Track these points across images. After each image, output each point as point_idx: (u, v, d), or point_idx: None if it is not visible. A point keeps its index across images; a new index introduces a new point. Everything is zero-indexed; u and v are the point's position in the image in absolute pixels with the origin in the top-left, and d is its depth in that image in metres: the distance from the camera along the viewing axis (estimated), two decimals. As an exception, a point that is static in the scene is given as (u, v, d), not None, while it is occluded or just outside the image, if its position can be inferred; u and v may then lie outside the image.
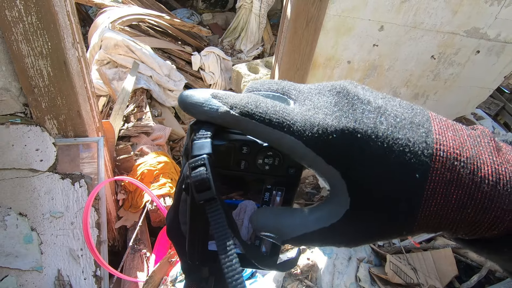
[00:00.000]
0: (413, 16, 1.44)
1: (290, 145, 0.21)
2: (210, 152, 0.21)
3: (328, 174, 0.21)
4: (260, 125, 0.21)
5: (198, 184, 0.20)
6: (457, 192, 0.18)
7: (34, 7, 1.02)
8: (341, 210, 0.21)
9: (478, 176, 0.18)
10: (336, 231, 0.21)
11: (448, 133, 0.19)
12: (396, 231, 0.20)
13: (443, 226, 0.19)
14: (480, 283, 1.49)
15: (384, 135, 0.19)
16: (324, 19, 1.41)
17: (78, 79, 1.24)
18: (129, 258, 1.46)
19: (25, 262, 1.15)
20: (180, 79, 2.66)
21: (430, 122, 0.20)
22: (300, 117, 0.21)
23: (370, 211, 0.20)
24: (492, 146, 0.20)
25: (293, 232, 0.22)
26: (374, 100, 0.21)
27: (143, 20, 2.91)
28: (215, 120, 0.22)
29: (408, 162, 0.19)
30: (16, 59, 1.09)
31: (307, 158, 0.21)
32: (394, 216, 0.19)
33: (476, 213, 0.18)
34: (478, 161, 0.19)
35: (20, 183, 1.19)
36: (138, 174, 1.68)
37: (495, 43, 1.56)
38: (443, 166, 0.18)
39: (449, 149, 0.19)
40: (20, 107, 1.20)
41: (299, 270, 1.55)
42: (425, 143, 0.19)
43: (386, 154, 0.19)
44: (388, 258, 1.49)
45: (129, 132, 1.99)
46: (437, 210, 0.19)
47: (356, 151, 0.19)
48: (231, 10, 4.28)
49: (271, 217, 0.23)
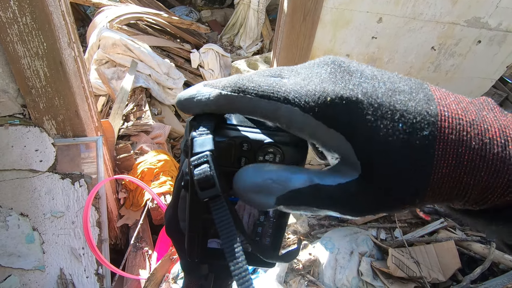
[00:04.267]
0: (412, 7, 1.42)
1: (287, 115, 0.20)
2: (212, 148, 0.20)
3: (332, 141, 0.20)
4: (254, 99, 0.20)
5: (202, 181, 0.20)
6: (468, 153, 0.18)
7: (28, 7, 1.02)
8: (352, 174, 0.20)
9: (486, 137, 0.18)
10: (343, 192, 0.20)
11: (450, 99, 0.19)
12: (409, 197, 0.19)
13: (455, 192, 0.19)
14: (483, 275, 1.48)
15: (385, 96, 0.19)
16: (322, 13, 1.39)
17: (75, 79, 1.24)
18: (131, 256, 1.47)
19: (27, 261, 1.16)
20: (179, 77, 2.66)
21: (429, 89, 0.20)
22: (295, 86, 0.20)
23: (381, 175, 0.19)
24: (497, 110, 0.19)
25: (290, 185, 0.20)
26: (369, 70, 0.21)
27: (141, 19, 2.90)
28: (209, 108, 0.21)
29: (414, 121, 0.18)
30: (12, 60, 1.09)
31: (307, 126, 0.20)
32: (407, 180, 0.19)
33: (490, 177, 0.18)
34: (484, 123, 0.18)
35: (20, 184, 1.20)
36: (138, 173, 1.69)
37: (496, 33, 1.53)
38: (450, 125, 0.18)
39: (452, 110, 0.19)
40: (18, 108, 1.21)
41: (301, 265, 1.56)
42: (428, 104, 0.19)
43: (390, 114, 0.19)
44: (390, 251, 1.49)
45: (129, 131, 1.99)
46: (449, 173, 0.18)
47: (357, 113, 0.19)
48: (229, 6, 4.26)
49: (262, 171, 0.21)
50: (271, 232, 0.26)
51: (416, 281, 1.45)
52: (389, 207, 0.20)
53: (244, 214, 0.26)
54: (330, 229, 1.77)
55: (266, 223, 0.26)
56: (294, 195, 0.20)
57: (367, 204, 0.20)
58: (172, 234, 0.26)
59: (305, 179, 0.20)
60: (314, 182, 0.20)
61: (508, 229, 0.19)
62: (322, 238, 1.67)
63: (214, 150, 0.20)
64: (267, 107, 0.20)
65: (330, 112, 0.19)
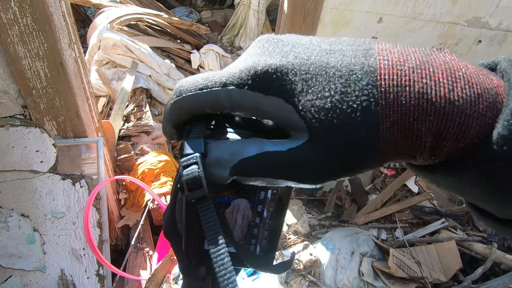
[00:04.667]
0: (412, 7, 1.42)
1: (227, 96, 0.21)
2: (202, 151, 0.21)
3: (275, 109, 0.20)
4: (195, 94, 0.21)
5: (190, 182, 0.20)
6: (414, 97, 0.17)
7: (29, 8, 1.02)
8: (301, 138, 0.20)
9: (432, 80, 0.17)
10: (293, 157, 0.20)
11: (394, 49, 0.19)
12: (363, 151, 0.19)
13: (410, 141, 0.18)
14: (485, 275, 1.48)
15: (318, 56, 0.19)
16: (322, 13, 1.39)
17: (76, 79, 1.24)
18: (132, 256, 1.47)
19: (28, 262, 1.16)
20: (179, 77, 2.66)
21: (374, 45, 0.20)
22: (229, 69, 0.21)
23: (326, 132, 0.19)
24: (447, 55, 0.19)
25: (242, 154, 0.20)
26: (307, 40, 0.21)
27: (142, 20, 2.90)
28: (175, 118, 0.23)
29: (350, 73, 0.18)
30: (13, 61, 1.09)
31: (247, 101, 0.20)
32: (355, 129, 0.18)
33: (440, 120, 0.17)
34: (431, 67, 0.18)
35: (21, 185, 1.20)
36: (139, 173, 1.69)
37: (497, 32, 1.53)
38: (389, 72, 0.18)
39: (394, 59, 0.18)
40: (19, 109, 1.21)
41: (302, 266, 1.55)
42: (365, 57, 0.19)
43: (324, 71, 0.19)
44: (391, 252, 1.48)
45: (129, 131, 1.99)
46: (398, 120, 0.18)
47: (290, 75, 0.19)
48: (229, 7, 4.26)
49: (220, 147, 0.22)
50: (267, 235, 0.26)
51: (417, 281, 1.44)
52: (344, 167, 0.19)
53: (238, 216, 0.26)
54: (331, 229, 1.76)
55: (261, 225, 0.26)
56: (246, 164, 0.20)
57: (320, 167, 0.20)
58: (170, 236, 0.26)
59: (256, 148, 0.21)
60: (264, 150, 0.20)
61: (466, 177, 0.19)
62: (323, 238, 1.67)
63: (204, 152, 0.21)
64: (209, 97, 0.21)
65: (264, 80, 0.20)
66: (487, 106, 0.17)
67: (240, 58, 0.22)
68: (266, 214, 0.25)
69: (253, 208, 0.25)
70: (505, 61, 0.20)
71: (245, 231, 0.26)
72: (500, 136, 0.17)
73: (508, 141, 0.17)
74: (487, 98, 0.17)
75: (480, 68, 0.19)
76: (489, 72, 0.19)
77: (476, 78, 0.18)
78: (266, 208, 0.25)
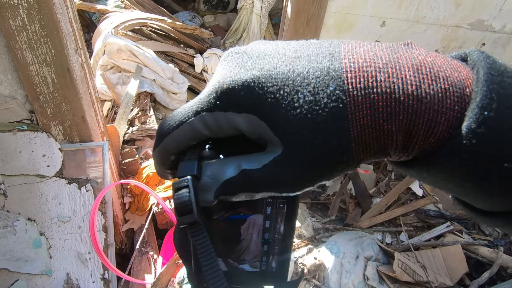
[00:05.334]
0: (415, 10, 1.42)
1: (202, 124, 0.21)
2: (195, 173, 0.20)
3: (250, 125, 0.20)
4: (175, 133, 0.21)
5: (179, 207, 0.20)
6: (381, 98, 0.17)
7: (37, 15, 1.04)
8: (275, 151, 0.20)
9: (399, 78, 0.17)
10: (268, 172, 0.20)
11: (360, 49, 0.19)
12: (335, 156, 0.18)
13: (383, 142, 0.18)
14: (491, 279, 1.46)
15: (284, 65, 0.19)
16: (325, 17, 1.40)
17: (82, 85, 1.26)
18: (136, 260, 1.48)
19: (34, 266, 1.17)
20: (183, 81, 2.68)
21: (341, 46, 0.19)
22: (199, 95, 0.21)
23: (299, 142, 0.19)
24: (415, 50, 0.19)
25: (223, 176, 0.21)
26: (273, 47, 0.21)
27: (146, 24, 2.93)
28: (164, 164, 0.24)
29: (316, 80, 0.18)
30: (21, 67, 1.11)
31: (222, 122, 0.20)
32: (326, 138, 0.18)
33: (409, 119, 0.17)
34: (397, 65, 0.18)
35: (28, 189, 1.21)
36: (143, 177, 1.70)
37: (500, 35, 1.53)
38: (356, 75, 0.18)
39: (360, 60, 0.18)
40: (26, 114, 1.22)
41: (307, 270, 1.55)
42: (331, 61, 0.18)
43: (291, 80, 0.19)
44: (396, 256, 1.47)
45: (134, 135, 2.00)
46: (368, 123, 0.18)
47: (258, 89, 0.19)
48: (232, 11, 4.29)
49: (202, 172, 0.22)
50: (277, 250, 0.25)
51: (422, 285, 1.43)
52: (320, 174, 0.19)
53: (254, 232, 0.25)
54: (335, 233, 1.76)
55: (271, 241, 0.25)
56: (228, 185, 0.21)
57: (295, 178, 0.20)
58: (182, 255, 0.25)
59: (234, 167, 0.21)
60: (242, 168, 0.20)
61: (440, 172, 0.18)
62: (327, 242, 1.67)
63: (197, 174, 0.20)
64: (186, 131, 0.21)
65: (232, 99, 0.19)
66: (455, 101, 0.17)
67: (211, 79, 0.22)
68: (275, 229, 0.25)
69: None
70: (476, 52, 0.19)
71: (260, 246, 0.26)
72: (468, 129, 0.17)
73: (476, 134, 0.16)
74: (455, 92, 0.17)
75: (449, 61, 0.19)
76: (458, 64, 0.19)
77: (444, 72, 0.18)
78: (273, 224, 0.24)
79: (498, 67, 0.18)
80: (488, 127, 0.16)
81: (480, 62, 0.18)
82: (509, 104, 0.17)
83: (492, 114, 0.16)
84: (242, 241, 0.25)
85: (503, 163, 0.17)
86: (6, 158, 1.20)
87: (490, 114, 0.16)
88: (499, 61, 0.19)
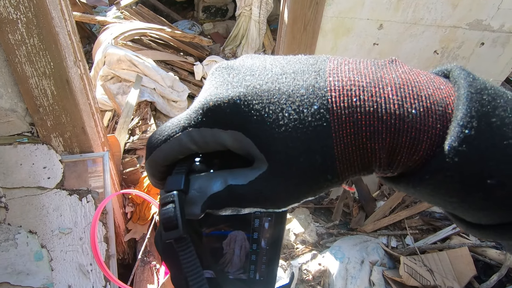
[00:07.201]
0: (412, 12, 1.42)
1: (189, 140, 0.21)
2: (181, 188, 0.20)
3: (236, 142, 0.20)
4: (163, 147, 0.21)
5: (165, 222, 0.20)
6: (364, 117, 0.17)
7: (36, 29, 1.05)
8: (261, 168, 0.20)
9: (381, 97, 0.17)
10: (254, 189, 0.20)
11: (345, 67, 0.19)
12: (320, 174, 0.19)
13: (367, 160, 0.18)
14: (500, 282, 1.43)
15: (269, 82, 0.19)
16: (322, 22, 1.40)
17: (81, 96, 1.26)
18: (139, 270, 1.46)
19: (36, 279, 1.16)
20: (183, 89, 2.69)
21: (326, 62, 0.20)
22: (187, 110, 0.21)
23: (283, 160, 0.19)
24: (399, 68, 0.19)
25: (210, 190, 0.21)
26: (260, 63, 0.21)
27: (145, 34, 2.96)
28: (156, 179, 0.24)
29: (301, 98, 0.18)
30: (20, 81, 1.12)
31: (208, 138, 0.20)
32: (310, 156, 0.18)
33: (392, 137, 0.17)
34: (380, 83, 0.18)
35: (29, 201, 1.21)
36: (144, 186, 1.69)
37: (499, 34, 1.52)
38: (340, 94, 0.18)
39: (344, 78, 0.18)
40: (27, 126, 1.23)
41: (311, 276, 1.53)
42: (316, 79, 0.19)
43: (276, 98, 0.19)
44: (402, 260, 1.45)
45: (135, 145, 2.01)
46: (351, 141, 0.18)
47: (244, 106, 0.19)
48: (231, 18, 4.33)
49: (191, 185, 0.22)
50: (265, 259, 0.26)
51: (430, 290, 1.40)
52: (304, 191, 0.20)
53: (235, 246, 0.26)
54: (339, 237, 1.74)
55: (259, 251, 0.26)
56: (214, 200, 0.21)
57: (279, 195, 0.20)
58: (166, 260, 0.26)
59: (221, 182, 0.21)
60: (228, 183, 0.21)
61: (425, 188, 0.18)
62: (331, 247, 1.64)
63: (183, 189, 0.21)
64: (173, 145, 0.21)
65: (218, 115, 0.20)
66: (437, 119, 0.17)
67: (199, 94, 0.22)
68: (264, 242, 0.25)
69: (249, 238, 0.25)
70: (457, 69, 0.19)
71: (244, 260, 0.26)
72: (450, 148, 0.17)
73: (458, 152, 0.17)
74: (437, 110, 0.17)
75: (432, 77, 0.19)
76: (441, 81, 0.19)
77: (426, 90, 0.18)
78: (262, 235, 0.25)
79: (478, 85, 0.18)
80: (469, 145, 0.16)
81: (461, 80, 0.18)
82: (488, 121, 0.17)
83: (473, 133, 0.16)
84: (225, 254, 0.26)
85: (486, 180, 0.17)
86: (7, 171, 1.20)
87: (470, 132, 0.16)
88: (479, 78, 0.19)
